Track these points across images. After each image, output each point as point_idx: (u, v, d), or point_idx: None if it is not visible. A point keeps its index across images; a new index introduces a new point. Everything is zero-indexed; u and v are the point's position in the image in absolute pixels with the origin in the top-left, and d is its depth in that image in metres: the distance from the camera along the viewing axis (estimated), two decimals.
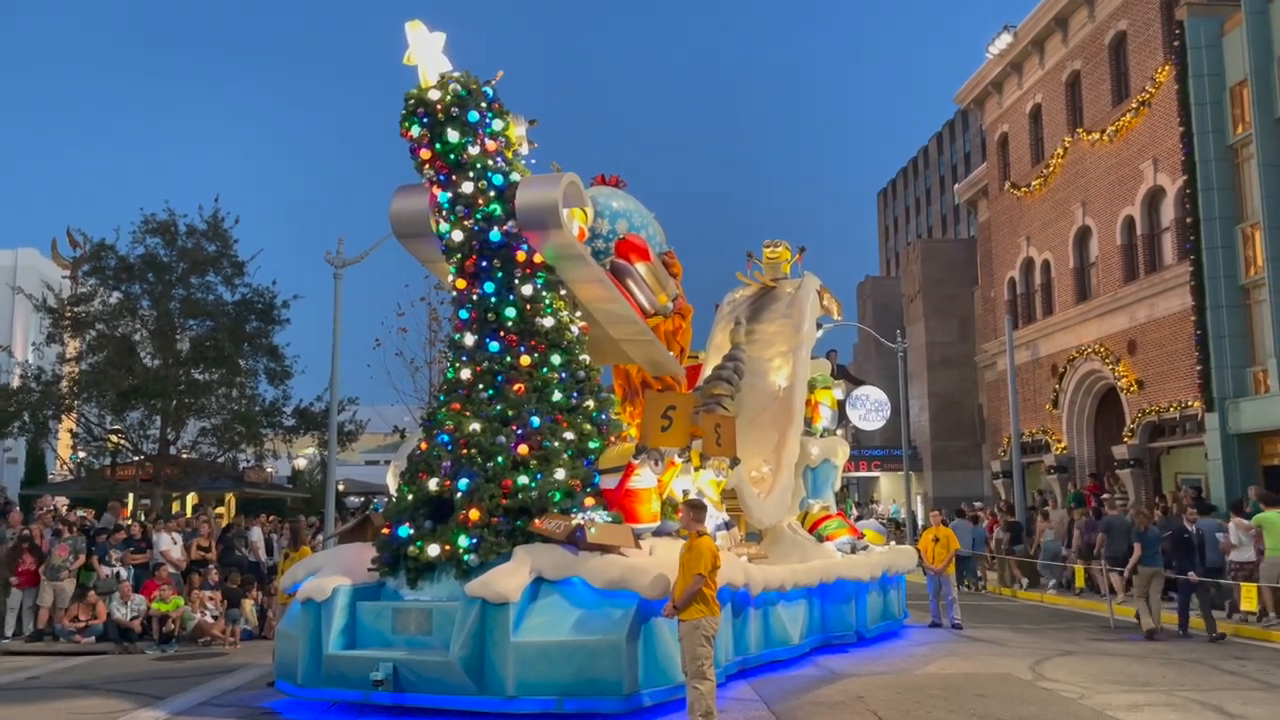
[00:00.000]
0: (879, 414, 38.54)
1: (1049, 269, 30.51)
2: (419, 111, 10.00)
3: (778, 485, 13.69)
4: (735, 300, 16.96)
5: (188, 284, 22.60)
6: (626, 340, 12.27)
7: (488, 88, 10.23)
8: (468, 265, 10.58)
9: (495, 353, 10.47)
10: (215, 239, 22.75)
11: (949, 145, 62.50)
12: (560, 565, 9.12)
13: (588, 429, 10.30)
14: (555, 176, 10.60)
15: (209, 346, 21.99)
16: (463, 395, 10.45)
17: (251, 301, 23.11)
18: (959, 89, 35.87)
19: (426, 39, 9.96)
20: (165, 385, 21.54)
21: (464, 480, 9.79)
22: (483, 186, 10.28)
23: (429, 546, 9.55)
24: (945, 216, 61.95)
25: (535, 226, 10.40)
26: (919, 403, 41.92)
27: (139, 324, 22.53)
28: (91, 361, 22.11)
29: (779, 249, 16.95)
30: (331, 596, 9.52)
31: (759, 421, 14.56)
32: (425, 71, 9.98)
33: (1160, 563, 14.62)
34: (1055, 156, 29.54)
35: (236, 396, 22.99)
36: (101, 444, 23.14)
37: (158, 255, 22.39)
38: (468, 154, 10.15)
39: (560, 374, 10.45)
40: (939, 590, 15.93)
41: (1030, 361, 31.07)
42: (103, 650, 14.27)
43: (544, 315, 10.49)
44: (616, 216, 12.73)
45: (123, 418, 22.54)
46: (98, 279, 23.07)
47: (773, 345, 15.72)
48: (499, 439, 9.94)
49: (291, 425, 23.92)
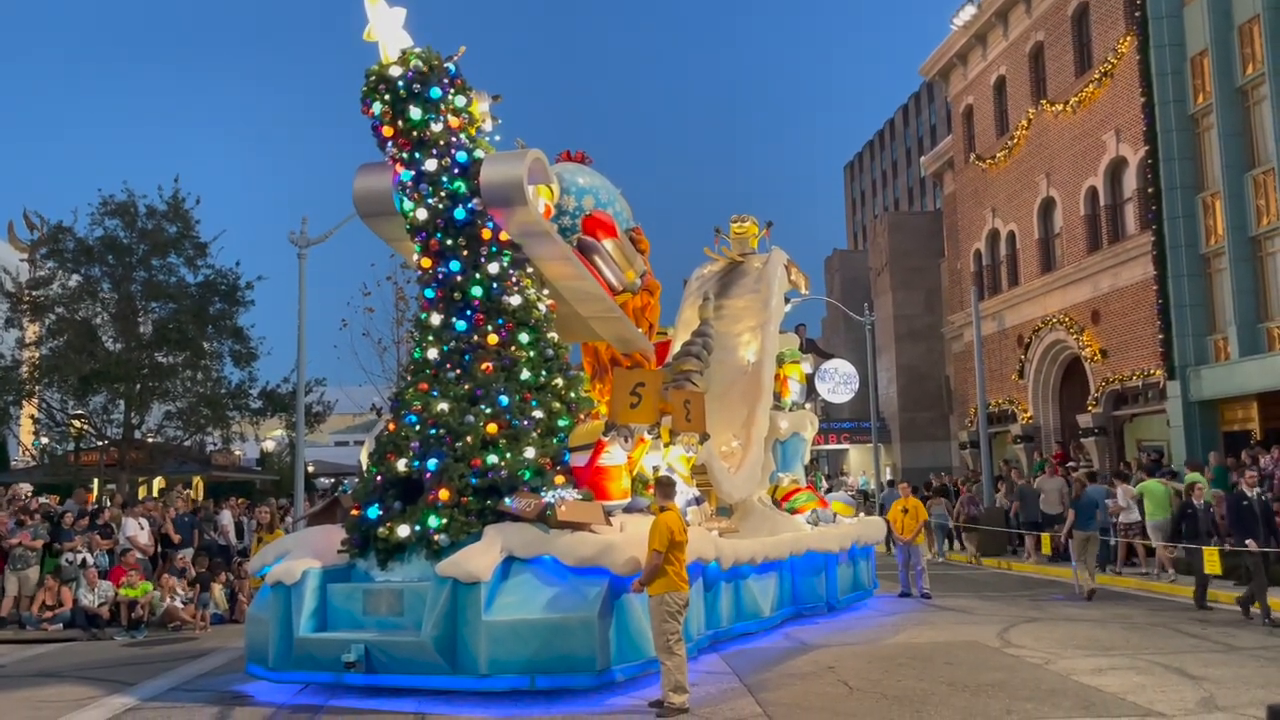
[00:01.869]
0: (847, 387, 38.84)
1: (1014, 240, 30.75)
2: (380, 88, 9.86)
3: (747, 460, 13.75)
4: (703, 276, 16.95)
5: (149, 266, 22.26)
6: (595, 317, 12.25)
7: (450, 64, 10.09)
8: (433, 244, 10.47)
9: (462, 332, 10.40)
10: (176, 220, 22.41)
11: (915, 118, 62.68)
12: (531, 543, 9.13)
13: (557, 407, 10.28)
14: (520, 153, 10.52)
15: (172, 329, 21.71)
16: (430, 375, 10.38)
17: (215, 283, 22.82)
18: (924, 61, 35.94)
19: (387, 14, 9.81)
20: (128, 369, 21.26)
21: (433, 460, 9.75)
22: (446, 164, 10.16)
23: (399, 527, 9.52)
24: (912, 189, 62.21)
25: (500, 204, 10.32)
26: (887, 375, 42.24)
27: (100, 307, 22.20)
28: (52, 346, 21.79)
29: (746, 224, 16.95)
30: (301, 579, 9.47)
31: (728, 397, 14.60)
32: (386, 47, 9.84)
33: (1094, 527, 15.84)
34: (1019, 128, 29.71)
35: (201, 379, 22.74)
36: (64, 430, 22.83)
37: (117, 237, 22.03)
38: (430, 131, 10.03)
39: (528, 352, 10.40)
40: (908, 560, 16.11)
41: (997, 332, 31.37)
42: (71, 638, 14.13)
43: (511, 293, 10.42)
44: (583, 193, 12.67)
45: (85, 403, 22.25)
46: (56, 262, 22.69)
47: (741, 320, 15.74)
48: (467, 418, 9.89)
49: (258, 408, 23.71)
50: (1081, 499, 15.94)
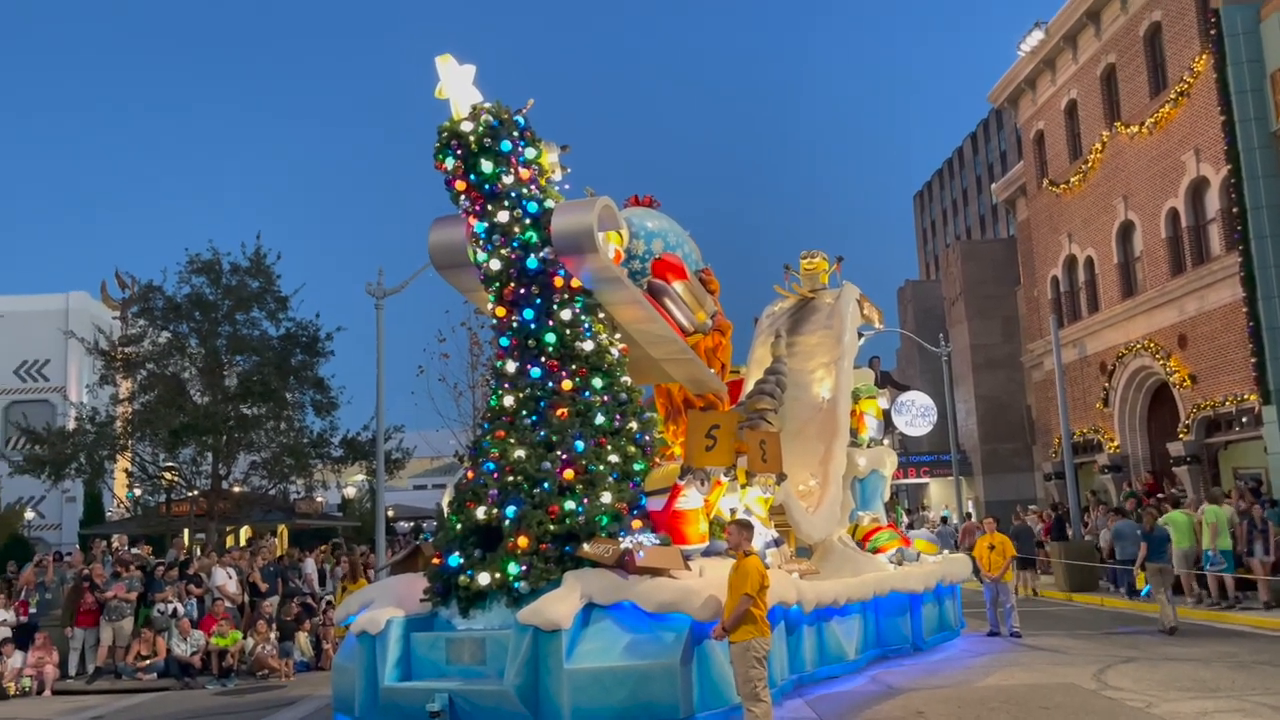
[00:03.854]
0: (925, 419, 38.17)
1: (1092, 265, 30.05)
2: (452, 144, 10.09)
3: (826, 499, 13.57)
4: (774, 313, 16.89)
5: (233, 321, 22.97)
6: (667, 359, 12.26)
7: (519, 116, 10.30)
8: (506, 293, 10.63)
9: (537, 379, 10.50)
10: (258, 275, 23.11)
11: (984, 145, 61.91)
12: (610, 589, 9.11)
13: (632, 451, 10.29)
14: (589, 201, 10.64)
15: (256, 381, 22.31)
16: (506, 422, 10.49)
17: (296, 335, 23.43)
18: (992, 88, 35.55)
19: (457, 72, 10.05)
20: (215, 421, 21.88)
21: (511, 507, 9.82)
22: (518, 215, 10.34)
23: (479, 575, 9.58)
24: (984, 217, 61.32)
25: (571, 251, 10.44)
26: (965, 406, 41.41)
27: (188, 362, 22.93)
28: (143, 401, 22.55)
29: (816, 259, 16.87)
30: (385, 628, 9.59)
31: (804, 435, 14.46)
32: (457, 104, 10.07)
33: (1167, 559, 15.70)
34: (1094, 151, 29.13)
35: (285, 429, 23.29)
36: (156, 482, 23.55)
37: (204, 294, 22.78)
38: (502, 183, 10.22)
39: (602, 397, 10.45)
40: (996, 598, 15.69)
41: (1078, 360, 30.59)
42: (164, 687, 14.47)
43: (584, 339, 10.51)
44: (652, 236, 12.76)
45: (175, 455, 22.93)
46: (146, 319, 23.53)
47: (814, 357, 15.62)
48: (544, 465, 9.95)
49: (340, 456, 24.18)
50: (1154, 531, 15.94)
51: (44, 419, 31.64)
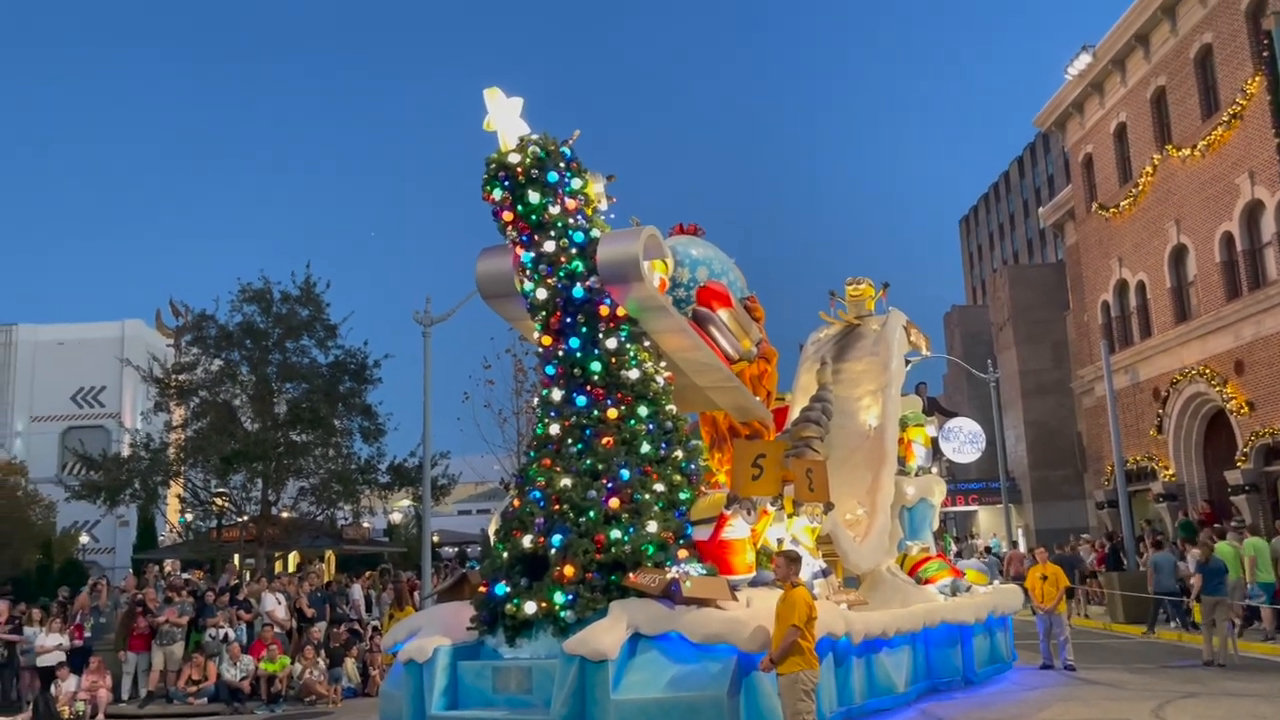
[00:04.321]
0: (973, 446, 37.56)
1: (1144, 290, 29.56)
2: (500, 175, 10.22)
3: (874, 528, 13.40)
4: (819, 340, 16.79)
5: (284, 349, 23.33)
6: (712, 387, 12.25)
7: (565, 148, 10.41)
8: (552, 322, 10.71)
9: (582, 407, 10.54)
10: (308, 304, 23.48)
11: (1030, 169, 61.31)
12: (657, 620, 9.07)
13: (678, 480, 10.28)
14: (635, 231, 10.70)
15: (305, 409, 22.62)
16: (552, 451, 10.54)
17: (344, 363, 23.74)
18: (1039, 112, 35.25)
19: (504, 104, 10.19)
20: (265, 448, 22.20)
21: (557, 536, 9.84)
22: (564, 244, 10.42)
23: (526, 604, 9.60)
24: (1031, 241, 60.63)
25: (617, 281, 10.49)
26: (1015, 432, 40.81)
27: (239, 389, 23.32)
28: (196, 428, 22.95)
29: (862, 286, 16.75)
30: (432, 657, 9.63)
31: (851, 463, 14.32)
32: (504, 136, 10.21)
33: (1223, 592, 15.16)
34: (1144, 175, 28.72)
35: (333, 456, 23.57)
36: (207, 507, 23.92)
37: (255, 322, 23.19)
38: (549, 214, 10.32)
39: (648, 425, 10.46)
40: (1050, 630, 15.37)
41: (1130, 386, 30.04)
42: (214, 711, 14.64)
43: (629, 368, 10.54)
44: (696, 264, 12.79)
45: (226, 481, 23.30)
46: (200, 348, 23.99)
47: (861, 384, 15.49)
48: (590, 494, 9.97)
49: (387, 482, 24.40)
50: (1209, 563, 15.49)
51: (100, 444, 32.34)
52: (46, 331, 47.41)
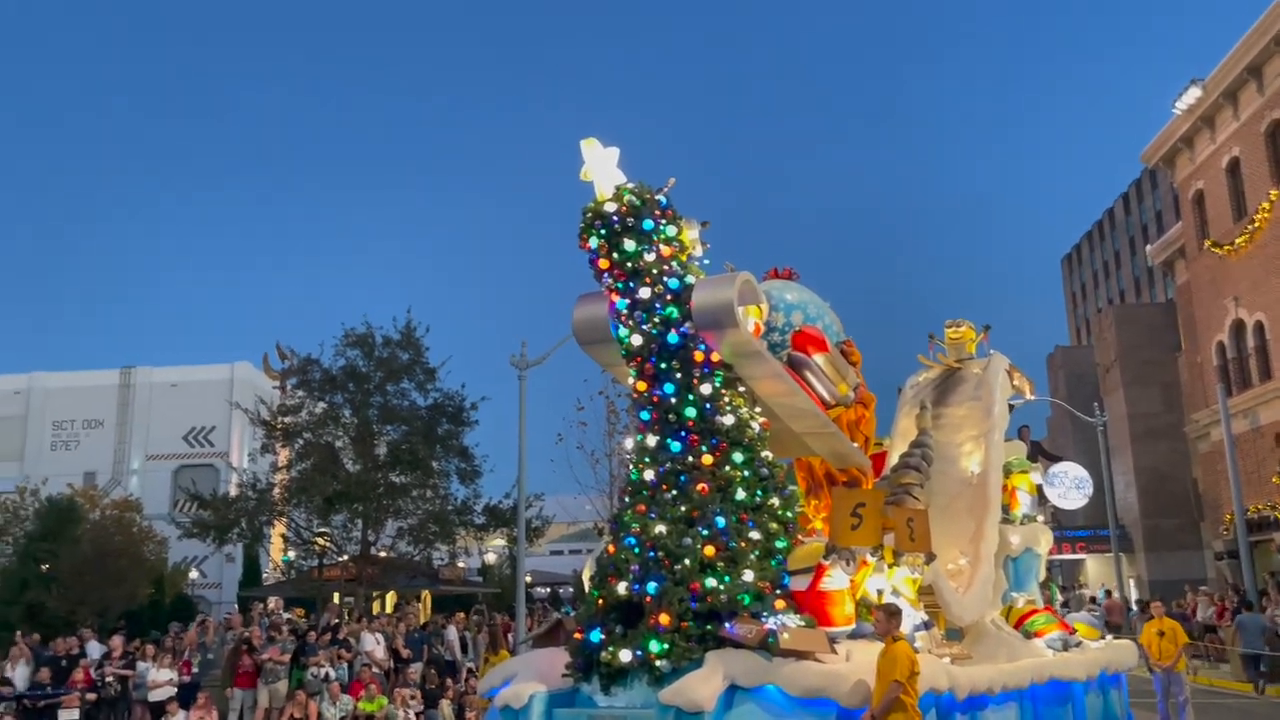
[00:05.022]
0: (1080, 491, 36.20)
1: (1263, 331, 28.30)
2: (596, 224, 10.32)
3: (977, 578, 12.98)
4: (918, 384, 16.45)
5: (384, 391, 23.94)
6: (808, 433, 12.08)
7: (661, 196, 10.47)
8: (647, 368, 10.71)
9: (677, 453, 10.49)
10: (408, 348, 24.09)
11: (1137, 205, 59.48)
12: (754, 671, 8.90)
13: (774, 528, 10.12)
14: (729, 276, 10.68)
15: (404, 450, 23.11)
16: (647, 496, 10.49)
17: (443, 405, 24.24)
18: (1145, 147, 34.28)
19: (600, 154, 10.32)
20: (366, 489, 22.73)
21: (652, 584, 9.76)
22: (659, 291, 10.45)
23: (621, 652, 9.52)
24: (1138, 279, 58.66)
25: (711, 326, 10.46)
26: (1124, 479, 39.25)
27: (342, 431, 23.97)
28: (300, 469, 23.62)
29: (962, 329, 16.40)
30: (528, 704, 9.61)
31: (952, 511, 13.93)
32: (600, 185, 10.32)
33: None
34: (1260, 211, 27.62)
35: (430, 497, 24.00)
36: (309, 546, 24.54)
37: (357, 366, 23.86)
38: (644, 261, 10.36)
39: (743, 471, 10.35)
40: (1168, 689, 14.63)
41: (1250, 431, 28.68)
42: None
43: (724, 413, 10.46)
44: (791, 309, 12.69)
45: (328, 521, 23.90)
46: (305, 390, 24.76)
47: (962, 429, 15.11)
48: (685, 540, 9.88)
49: (482, 523, 24.70)
50: None
51: (209, 482, 33.52)
52: (161, 373, 49.65)
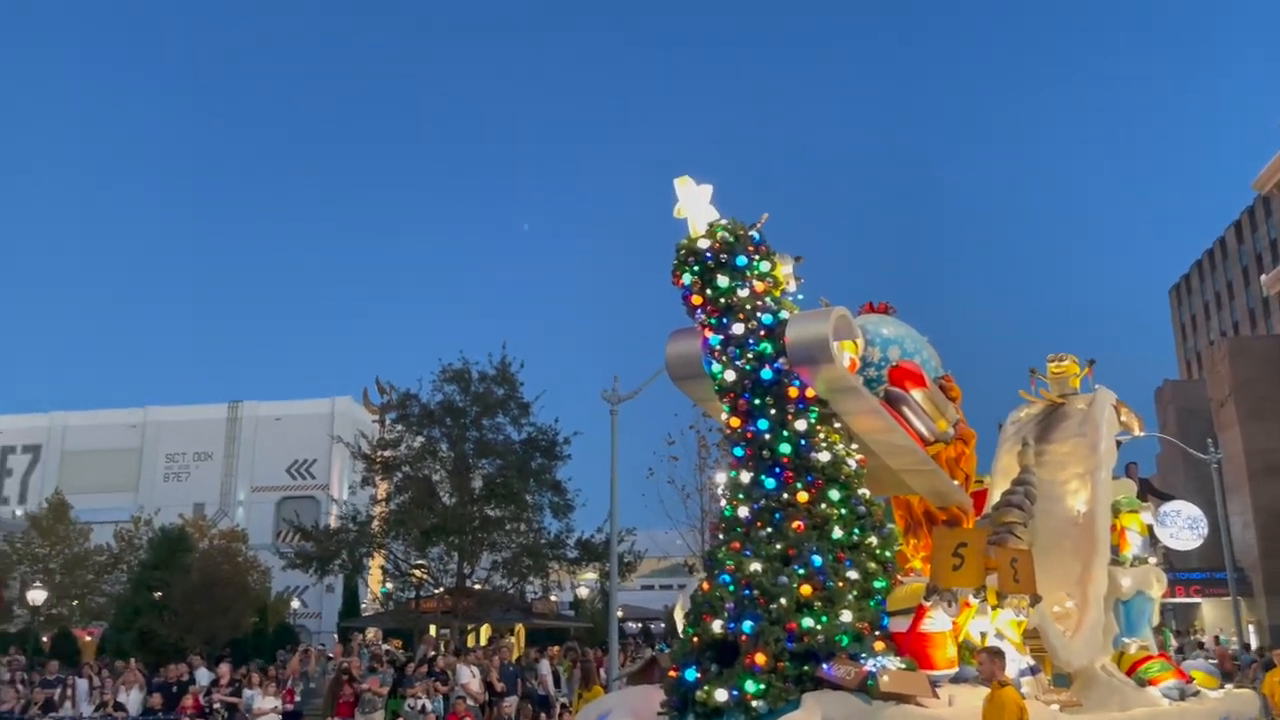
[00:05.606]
0: (1193, 531, 34.50)
1: None
2: (689, 260, 10.39)
3: (1086, 622, 12.51)
4: (1020, 420, 16.01)
5: (480, 426, 24.36)
6: (906, 470, 11.87)
7: (754, 232, 10.51)
8: (741, 403, 10.69)
9: (771, 490, 10.41)
10: (503, 383, 24.50)
11: (1250, 234, 57.15)
12: (853, 715, 8.73)
13: (872, 567, 9.96)
14: (824, 311, 10.62)
15: (499, 484, 23.46)
16: (742, 534, 10.43)
17: (536, 439, 24.54)
18: (1258, 174, 33.02)
19: (694, 192, 10.41)
20: (462, 522, 23.11)
21: (748, 622, 9.66)
22: (753, 326, 10.45)
23: (716, 691, 9.43)
24: (1252, 310, 56.22)
25: (806, 362, 10.39)
26: (1241, 518, 37.46)
27: (439, 465, 24.44)
28: (399, 502, 24.15)
29: (1065, 363, 15.93)
30: None
31: (1058, 551, 13.48)
32: (694, 222, 10.41)
33: None
34: None
35: (524, 530, 24.25)
36: (407, 578, 25.01)
37: (454, 400, 24.35)
38: (737, 297, 10.39)
39: (840, 509, 10.21)
40: None
41: None
42: None
43: (819, 450, 10.36)
44: (888, 344, 12.53)
45: (425, 553, 24.34)
46: (404, 425, 25.35)
47: (1067, 467, 14.64)
48: (780, 579, 9.78)
49: (575, 557, 24.84)
50: None
51: (310, 514, 34.51)
52: (266, 408, 51.41)
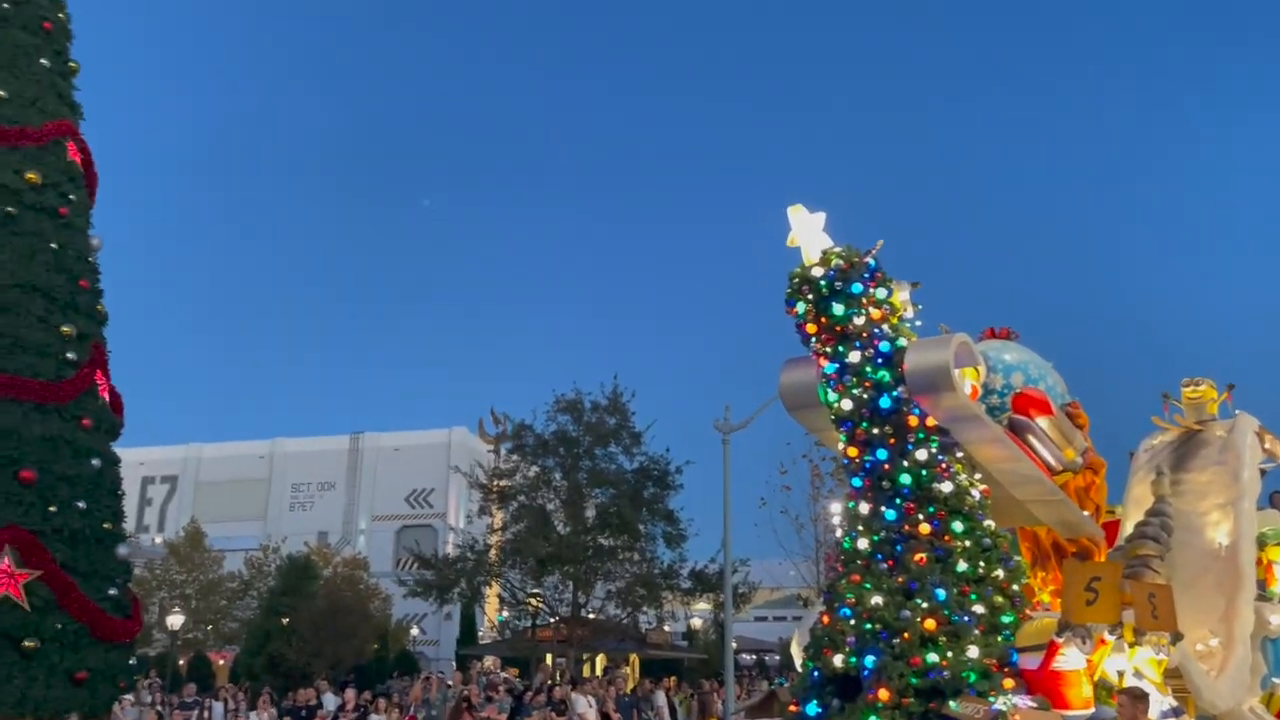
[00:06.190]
0: None
1: None
2: (803, 289, 10.33)
3: (1231, 661, 11.85)
4: (1153, 447, 15.32)
5: (593, 456, 24.60)
6: (1033, 500, 11.50)
7: (870, 258, 10.38)
8: (858, 433, 10.53)
9: (892, 521, 10.22)
10: (615, 413, 24.71)
11: None
12: None
13: (1000, 602, 9.65)
14: (944, 338, 10.41)
15: (613, 514, 23.60)
16: (861, 566, 10.25)
17: (648, 469, 24.64)
18: None
19: (807, 220, 10.37)
20: (576, 551, 23.31)
21: (870, 657, 9.48)
22: (870, 355, 10.31)
23: None
24: None
25: (926, 390, 10.19)
26: None
27: (553, 495, 24.76)
28: (514, 531, 24.53)
29: (1202, 388, 15.19)
30: None
31: (1199, 586, 12.82)
32: (807, 251, 10.35)
33: None
34: None
35: (638, 560, 24.31)
36: (523, 607, 25.33)
37: (567, 431, 24.67)
38: (853, 324, 10.27)
39: (964, 541, 9.95)
40: None
41: None
42: None
43: (941, 480, 10.13)
44: (1010, 370, 12.22)
45: (541, 582, 24.62)
46: (519, 455, 25.79)
47: (1206, 497, 13.94)
48: (903, 613, 9.57)
49: (688, 587, 24.78)
50: None
51: (429, 542, 35.26)
52: (386, 438, 52.95)
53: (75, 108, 13.54)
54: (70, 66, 13.48)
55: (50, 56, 13.16)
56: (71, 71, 13.54)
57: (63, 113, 13.16)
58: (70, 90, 13.59)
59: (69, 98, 13.51)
